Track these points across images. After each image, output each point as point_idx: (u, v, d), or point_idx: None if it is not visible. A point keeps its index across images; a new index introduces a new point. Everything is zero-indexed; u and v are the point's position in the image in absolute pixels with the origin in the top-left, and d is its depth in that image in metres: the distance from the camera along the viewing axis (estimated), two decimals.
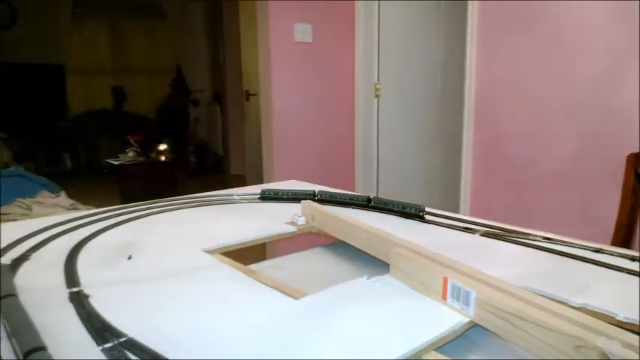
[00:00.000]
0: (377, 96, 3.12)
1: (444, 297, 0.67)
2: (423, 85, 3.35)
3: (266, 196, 1.31)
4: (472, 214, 1.85)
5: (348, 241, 0.96)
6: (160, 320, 0.62)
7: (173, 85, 6.98)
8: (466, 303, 0.64)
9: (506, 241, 0.96)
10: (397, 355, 0.54)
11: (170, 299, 0.69)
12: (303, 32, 2.86)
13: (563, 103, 2.21)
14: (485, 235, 1.00)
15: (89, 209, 2.22)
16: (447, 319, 0.64)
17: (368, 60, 3.07)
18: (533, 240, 0.96)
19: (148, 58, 7.12)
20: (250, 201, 1.30)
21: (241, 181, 5.67)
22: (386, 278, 0.76)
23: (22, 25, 5.85)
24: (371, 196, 1.28)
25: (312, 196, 1.29)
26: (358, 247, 0.93)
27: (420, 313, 0.66)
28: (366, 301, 0.68)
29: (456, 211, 2.57)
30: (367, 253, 0.90)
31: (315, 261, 1.04)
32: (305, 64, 2.91)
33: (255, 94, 5.37)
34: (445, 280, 0.67)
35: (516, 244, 0.94)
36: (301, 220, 1.09)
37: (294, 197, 1.29)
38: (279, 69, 2.83)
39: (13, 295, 0.61)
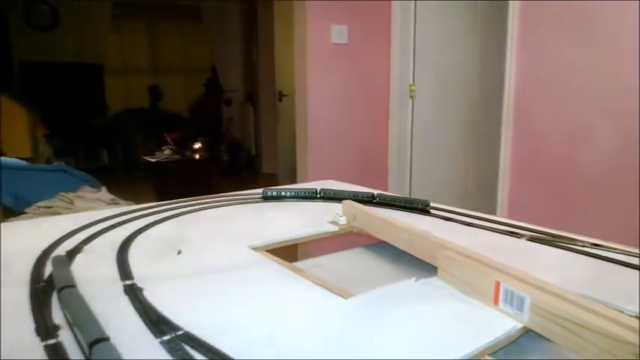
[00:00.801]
0: (412, 97, 3.10)
1: (496, 301, 0.66)
2: (458, 87, 3.31)
3: (268, 196, 1.31)
4: (510, 219, 1.82)
5: (391, 242, 0.96)
6: (213, 315, 0.63)
7: (207, 84, 7.08)
8: (520, 308, 0.63)
9: (552, 246, 0.94)
10: (455, 357, 0.54)
11: (221, 295, 0.70)
12: (339, 33, 2.87)
13: (606, 106, 2.15)
14: (531, 239, 0.98)
15: (129, 204, 2.26)
16: (501, 324, 0.62)
17: (403, 61, 3.05)
18: (582, 246, 0.94)
19: (184, 58, 7.24)
20: (288, 200, 1.31)
21: (273, 181, 5.71)
22: (434, 281, 0.75)
23: (64, 26, 6.02)
24: (375, 193, 1.28)
25: (315, 194, 1.29)
26: (401, 248, 0.92)
27: (471, 317, 0.65)
28: (415, 303, 0.68)
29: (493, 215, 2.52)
30: (408, 255, 0.90)
31: (355, 261, 1.04)
32: (340, 65, 2.91)
33: (287, 95, 5.41)
34: (497, 284, 0.66)
35: (563, 249, 0.92)
36: (342, 220, 1.09)
37: (297, 196, 1.30)
38: (315, 70, 2.84)
39: (72, 286, 0.62)
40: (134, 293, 0.67)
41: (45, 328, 0.57)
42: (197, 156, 4.69)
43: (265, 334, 0.59)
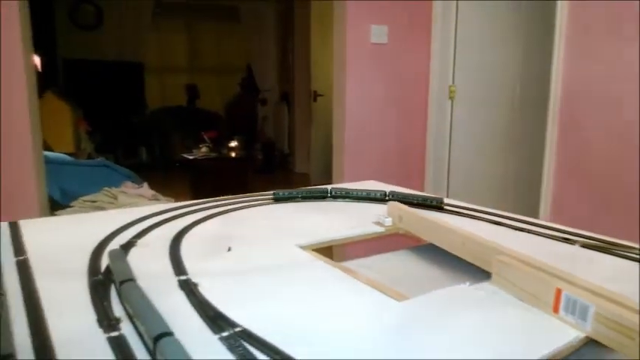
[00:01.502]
0: (451, 98, 3.05)
1: (556, 310, 0.64)
2: (499, 87, 3.24)
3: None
4: (554, 222, 1.77)
5: (439, 244, 0.94)
6: (267, 313, 0.63)
7: (243, 84, 7.15)
8: (582, 317, 0.61)
9: (609, 254, 0.91)
10: None
11: (274, 293, 0.70)
12: (379, 33, 2.85)
13: None
14: (584, 246, 0.95)
15: (169, 200, 2.31)
16: (562, 333, 0.61)
17: (443, 61, 3.01)
18: (638, 254, 0.90)
19: (220, 58, 7.33)
20: (334, 199, 1.30)
21: (306, 180, 5.72)
22: (488, 286, 0.74)
23: (107, 26, 6.18)
24: (387, 191, 1.27)
25: (324, 194, 1.28)
26: (450, 251, 0.91)
27: (530, 325, 0.63)
28: (471, 309, 0.67)
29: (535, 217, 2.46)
30: (454, 258, 0.88)
31: (400, 263, 1.02)
32: (379, 65, 2.89)
33: (322, 95, 5.41)
34: (558, 291, 0.64)
35: (620, 257, 0.89)
36: (388, 221, 1.08)
37: (308, 196, 1.28)
38: (354, 70, 2.83)
39: (132, 279, 0.63)
40: (189, 288, 0.68)
41: (107, 321, 0.58)
42: (233, 154, 4.74)
43: (320, 334, 0.58)
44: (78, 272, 0.75)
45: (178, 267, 0.76)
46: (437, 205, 1.21)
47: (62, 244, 0.91)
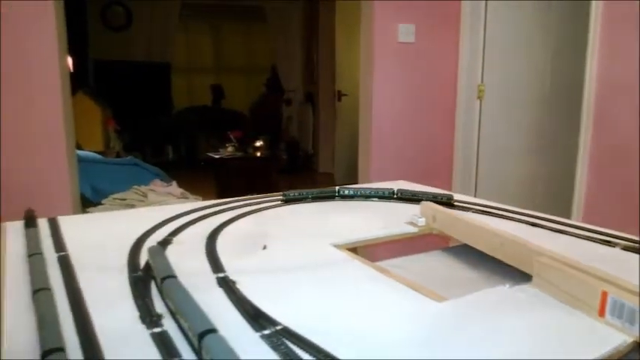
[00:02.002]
0: (480, 97, 3.02)
1: (602, 313, 0.63)
2: (528, 87, 3.19)
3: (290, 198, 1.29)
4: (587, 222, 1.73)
5: (475, 245, 0.93)
6: (306, 312, 0.63)
7: (268, 84, 7.19)
8: (631, 321, 0.59)
9: None
10: None
11: (311, 291, 0.70)
12: (406, 32, 2.83)
13: None
14: (626, 249, 0.93)
15: (197, 199, 2.33)
16: (608, 337, 0.59)
17: (472, 60, 2.98)
18: None
19: (246, 58, 7.39)
20: (365, 199, 1.30)
21: (330, 180, 5.72)
22: (529, 289, 0.72)
23: (136, 26, 6.29)
24: (395, 189, 1.26)
25: (334, 194, 1.26)
26: (487, 252, 0.90)
27: (575, 329, 0.62)
28: (513, 311, 0.65)
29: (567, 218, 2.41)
30: (489, 259, 0.87)
31: (433, 263, 1.01)
32: (406, 64, 2.87)
33: (347, 95, 5.40)
34: (604, 294, 0.62)
35: None
36: (421, 221, 1.07)
37: (318, 196, 1.26)
38: (381, 69, 2.82)
39: (174, 276, 0.64)
40: (228, 286, 0.68)
41: (149, 317, 0.59)
42: (258, 154, 4.77)
43: (360, 334, 0.58)
44: (117, 268, 0.76)
45: (216, 264, 0.77)
46: (446, 202, 1.20)
47: (100, 241, 0.93)
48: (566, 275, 0.68)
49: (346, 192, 1.27)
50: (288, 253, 0.85)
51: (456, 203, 1.22)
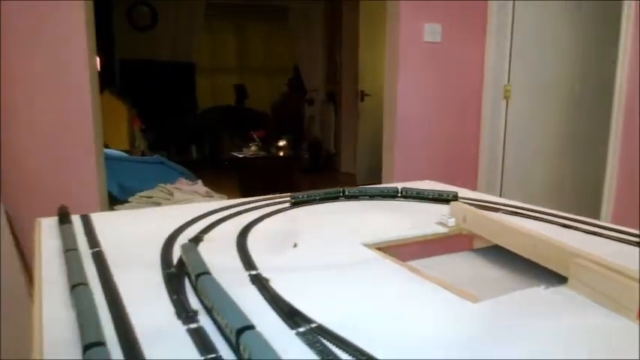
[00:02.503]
0: (506, 97, 2.98)
1: None
2: (556, 88, 3.14)
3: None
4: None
5: (507, 246, 0.92)
6: (340, 310, 0.63)
7: (290, 84, 7.21)
8: None
9: None
10: None
11: (344, 290, 0.70)
12: (432, 32, 2.81)
13: None
14: None
15: (222, 197, 2.34)
16: None
17: (499, 60, 2.94)
18: None
19: (268, 58, 7.42)
20: (394, 198, 1.29)
21: (352, 180, 5.71)
22: (565, 290, 0.71)
23: (161, 26, 6.37)
24: (400, 187, 1.26)
25: (340, 193, 1.24)
26: (520, 253, 0.88)
27: (615, 333, 0.60)
28: (550, 313, 0.64)
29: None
30: (521, 261, 0.86)
31: (463, 264, 1.00)
32: (432, 64, 2.85)
33: (369, 95, 5.39)
34: None
35: None
36: (451, 222, 1.05)
37: (325, 197, 1.25)
38: (406, 69, 2.80)
39: (208, 273, 0.64)
40: (261, 283, 0.69)
41: (185, 313, 0.60)
42: (281, 153, 4.79)
43: (395, 334, 0.58)
44: (150, 265, 0.77)
45: (248, 262, 0.77)
46: (452, 199, 1.21)
47: (132, 238, 0.94)
48: (605, 277, 0.67)
49: (350, 192, 1.26)
50: (318, 252, 0.85)
51: (484, 204, 1.21)
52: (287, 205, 1.18)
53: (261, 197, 1.24)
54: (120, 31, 6.10)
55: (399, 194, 1.27)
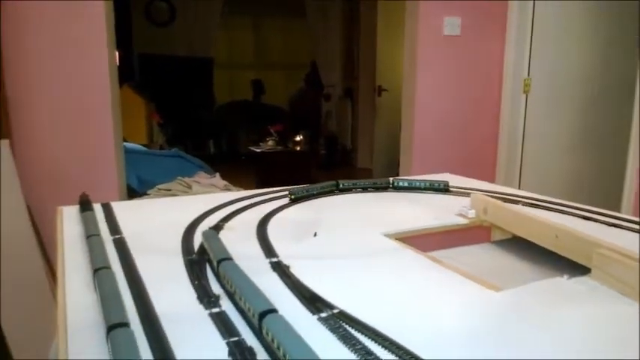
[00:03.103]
0: (526, 91, 2.94)
1: None
2: (576, 83, 3.09)
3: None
4: None
5: (528, 237, 0.91)
6: (361, 297, 0.63)
7: (307, 79, 7.20)
8: None
9: None
10: None
11: (365, 278, 0.70)
12: (452, 25, 2.78)
13: None
14: None
15: (239, 191, 2.35)
16: None
17: (519, 53, 2.90)
18: None
19: (286, 54, 7.42)
20: (413, 190, 1.28)
21: (368, 175, 5.69)
22: (588, 281, 0.70)
23: (179, 22, 6.40)
24: (391, 179, 1.26)
25: (335, 187, 1.22)
26: (542, 244, 0.87)
27: (637, 322, 0.59)
28: (573, 303, 0.63)
29: None
30: (541, 253, 0.85)
31: (483, 255, 1.00)
32: (451, 58, 2.83)
33: (386, 90, 5.36)
34: None
35: None
36: (472, 213, 1.05)
37: (321, 192, 1.20)
38: (425, 62, 2.78)
39: (230, 258, 0.65)
40: (282, 270, 0.69)
41: (207, 297, 0.60)
42: (298, 148, 4.79)
43: (418, 321, 0.57)
44: (171, 252, 0.78)
45: (268, 249, 0.78)
46: (444, 189, 1.24)
47: (153, 226, 0.95)
48: (628, 268, 0.66)
49: (345, 185, 1.24)
50: (339, 241, 0.85)
51: (504, 196, 1.19)
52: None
53: (281, 188, 1.24)
54: (138, 27, 6.14)
55: (391, 186, 1.26)
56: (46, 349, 0.83)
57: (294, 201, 1.13)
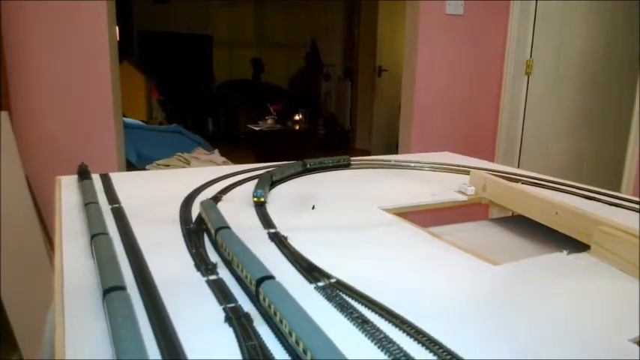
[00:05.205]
0: (528, 73, 2.92)
1: None
2: (579, 65, 3.07)
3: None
4: None
5: (528, 215, 0.91)
6: (359, 268, 0.63)
7: (307, 58, 7.13)
8: None
9: None
10: (628, 337, 0.49)
11: (363, 250, 0.69)
12: (454, 5, 2.74)
13: None
14: None
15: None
16: None
17: (521, 34, 2.87)
18: None
19: (286, 32, 7.34)
20: (416, 168, 1.28)
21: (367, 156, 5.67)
22: (588, 257, 0.70)
23: None
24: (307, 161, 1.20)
25: (304, 167, 1.16)
26: (541, 221, 0.87)
27: (636, 296, 0.59)
28: (572, 278, 0.63)
29: None
30: (540, 230, 0.84)
31: (482, 232, 0.99)
32: (453, 37, 2.80)
33: (386, 70, 5.32)
34: None
35: None
36: (471, 190, 1.04)
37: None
38: (426, 41, 2.75)
39: (228, 227, 0.64)
40: (280, 240, 0.69)
41: (204, 265, 0.60)
42: (297, 127, 4.77)
43: (416, 293, 0.57)
44: (169, 221, 0.78)
45: (266, 221, 0.77)
46: (344, 164, 1.23)
47: (151, 196, 0.94)
48: (628, 244, 0.66)
49: (312, 165, 1.18)
50: (337, 214, 0.85)
51: (504, 175, 1.19)
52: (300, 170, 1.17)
53: (279, 163, 1.24)
54: (138, 3, 6.06)
55: (307, 166, 1.17)
56: (44, 317, 0.83)
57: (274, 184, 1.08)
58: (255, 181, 1.05)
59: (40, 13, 2.06)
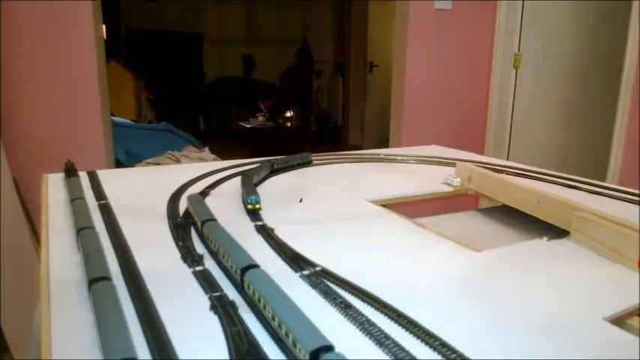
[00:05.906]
0: (516, 66, 2.94)
1: None
2: (567, 58, 3.10)
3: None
4: None
5: (511, 204, 0.92)
6: (344, 258, 0.64)
7: (298, 54, 7.13)
8: None
9: None
10: (603, 315, 0.51)
11: (349, 240, 0.71)
12: (443, 0, 2.76)
13: None
14: None
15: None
16: None
17: (509, 28, 2.89)
18: None
19: (277, 29, 7.33)
20: (403, 161, 1.29)
21: None
22: (568, 242, 0.71)
23: None
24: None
25: (271, 167, 1.12)
26: (524, 210, 0.88)
27: (614, 279, 0.61)
28: (552, 262, 0.65)
29: None
30: (525, 219, 0.86)
31: (468, 222, 1.01)
32: (442, 32, 2.81)
33: (378, 66, 5.33)
34: None
35: None
36: (457, 181, 1.06)
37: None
38: (416, 36, 2.76)
39: (214, 219, 0.65)
40: (267, 232, 0.69)
41: (191, 257, 0.61)
42: (288, 124, 4.77)
43: (400, 280, 0.58)
44: (157, 216, 0.78)
45: (254, 214, 0.78)
46: (306, 162, 1.20)
47: (139, 193, 0.95)
48: (606, 229, 0.67)
49: (278, 165, 1.15)
50: (324, 206, 0.86)
51: (490, 167, 1.20)
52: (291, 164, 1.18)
53: (266, 158, 1.24)
54: (127, 1, 6.03)
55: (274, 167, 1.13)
56: (31, 315, 0.84)
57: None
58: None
59: (25, 12, 2.05)
